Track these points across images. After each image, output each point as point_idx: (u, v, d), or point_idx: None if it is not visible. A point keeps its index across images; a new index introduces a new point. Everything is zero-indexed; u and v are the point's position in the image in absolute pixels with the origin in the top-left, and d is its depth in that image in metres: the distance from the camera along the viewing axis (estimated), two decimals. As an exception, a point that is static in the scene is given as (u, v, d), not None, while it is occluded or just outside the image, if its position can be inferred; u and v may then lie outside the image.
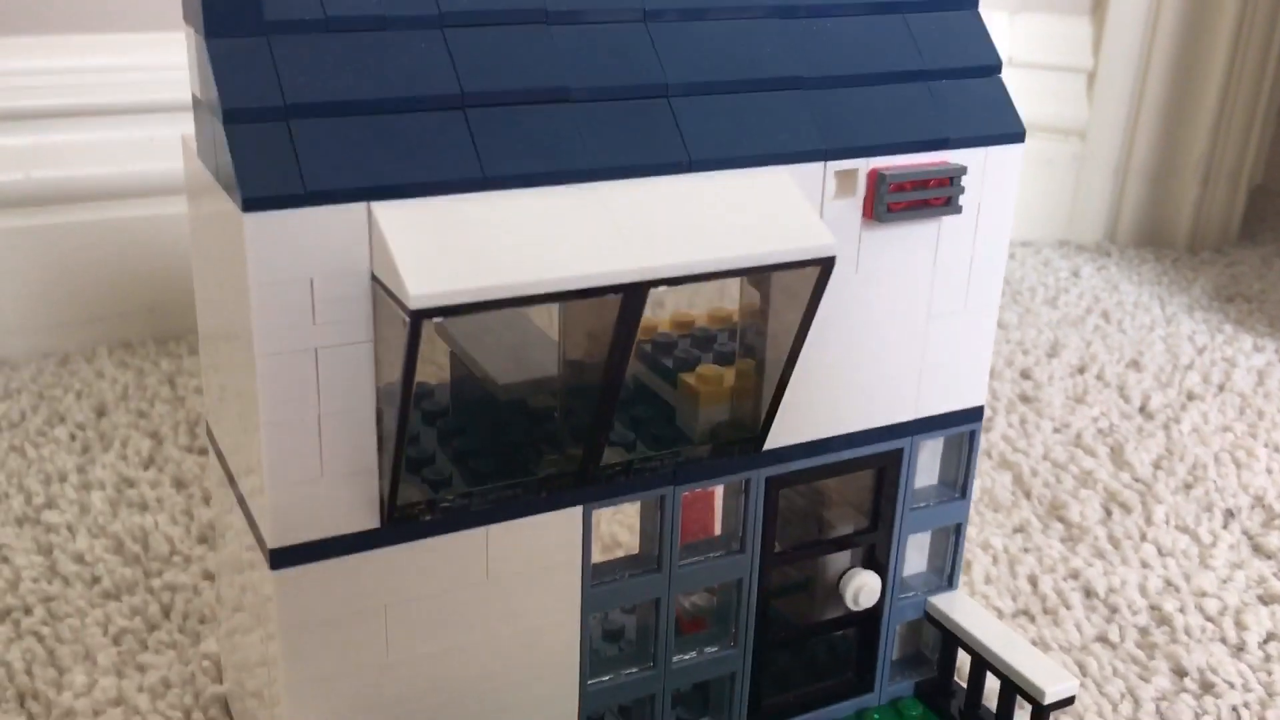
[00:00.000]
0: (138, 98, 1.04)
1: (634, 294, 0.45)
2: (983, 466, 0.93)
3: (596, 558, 0.58)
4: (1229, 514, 0.88)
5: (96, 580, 0.73)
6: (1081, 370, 1.11)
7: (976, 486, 0.89)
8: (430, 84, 0.46)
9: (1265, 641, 0.74)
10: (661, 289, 0.47)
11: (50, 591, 0.72)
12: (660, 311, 0.63)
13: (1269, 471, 0.93)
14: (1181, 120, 1.41)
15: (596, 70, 0.49)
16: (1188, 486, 0.91)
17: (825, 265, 0.49)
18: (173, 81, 0.97)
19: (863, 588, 0.61)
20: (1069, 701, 0.59)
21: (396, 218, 0.44)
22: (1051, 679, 0.59)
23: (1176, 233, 1.44)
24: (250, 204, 0.42)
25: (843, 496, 0.64)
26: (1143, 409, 1.03)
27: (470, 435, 0.54)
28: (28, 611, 0.70)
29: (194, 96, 0.49)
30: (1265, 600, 0.78)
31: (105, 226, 1.06)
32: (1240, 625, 0.75)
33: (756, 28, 0.52)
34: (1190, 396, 1.06)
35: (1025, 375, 1.09)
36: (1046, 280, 1.33)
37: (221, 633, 0.65)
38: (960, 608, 0.63)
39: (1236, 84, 1.39)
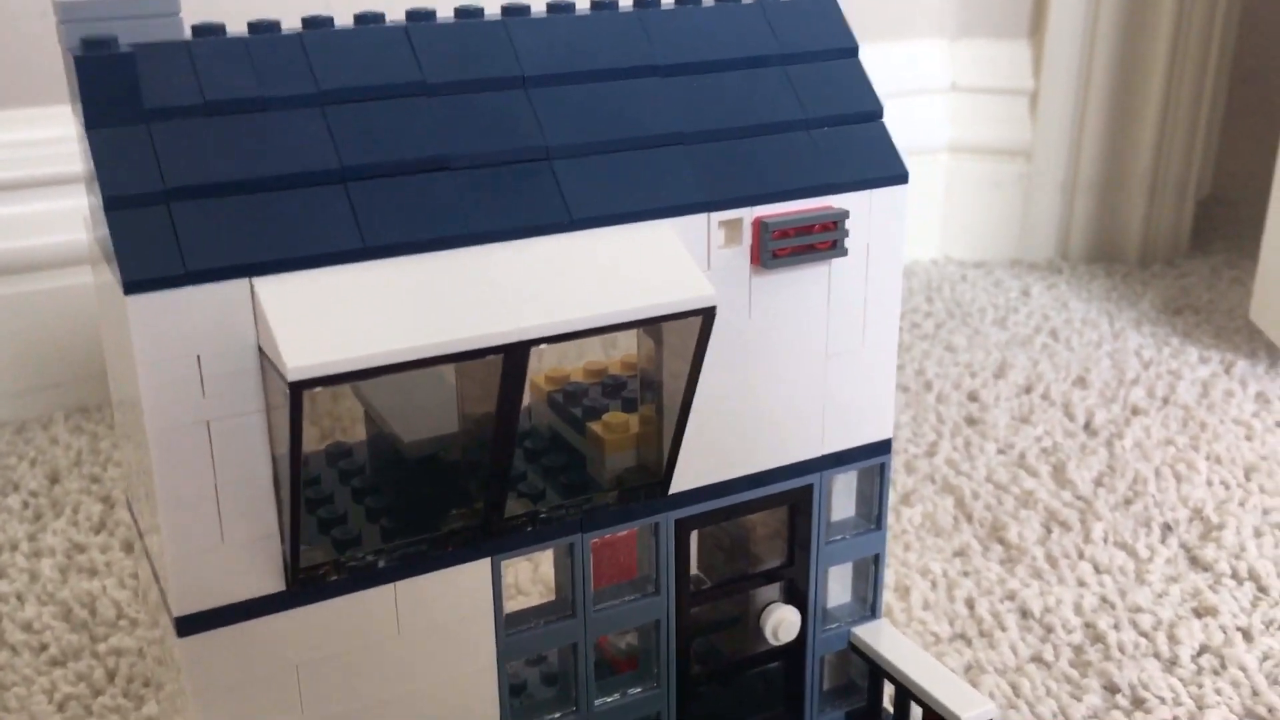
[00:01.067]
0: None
1: (515, 354, 0.47)
2: (925, 491, 0.94)
3: (538, 601, 0.60)
4: (1167, 528, 0.89)
5: (44, 648, 0.75)
6: (1028, 390, 1.12)
7: (918, 512, 0.91)
8: (310, 160, 0.47)
9: (1198, 654, 0.75)
10: (554, 344, 0.48)
11: (-3, 662, 0.73)
12: (571, 361, 0.65)
13: (1209, 484, 0.95)
14: (1125, 135, 1.43)
15: (476, 137, 0.50)
16: (1127, 502, 0.92)
17: (706, 315, 0.50)
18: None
19: (781, 622, 0.62)
20: (987, 726, 0.60)
21: (277, 292, 0.45)
22: (968, 705, 0.60)
23: (1127, 247, 1.46)
24: (131, 286, 0.44)
25: (770, 531, 0.65)
26: (1087, 426, 1.05)
27: (381, 493, 0.55)
28: (-26, 683, 0.72)
29: (85, 180, 0.50)
30: (1199, 613, 0.79)
31: (59, 294, 1.07)
32: (1173, 639, 0.76)
33: (636, 87, 0.54)
34: (1135, 411, 1.07)
35: (972, 397, 1.11)
36: (997, 301, 1.34)
37: (162, 695, 0.66)
38: (882, 637, 0.65)
39: (1176, 97, 1.41)
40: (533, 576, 0.82)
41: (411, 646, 0.53)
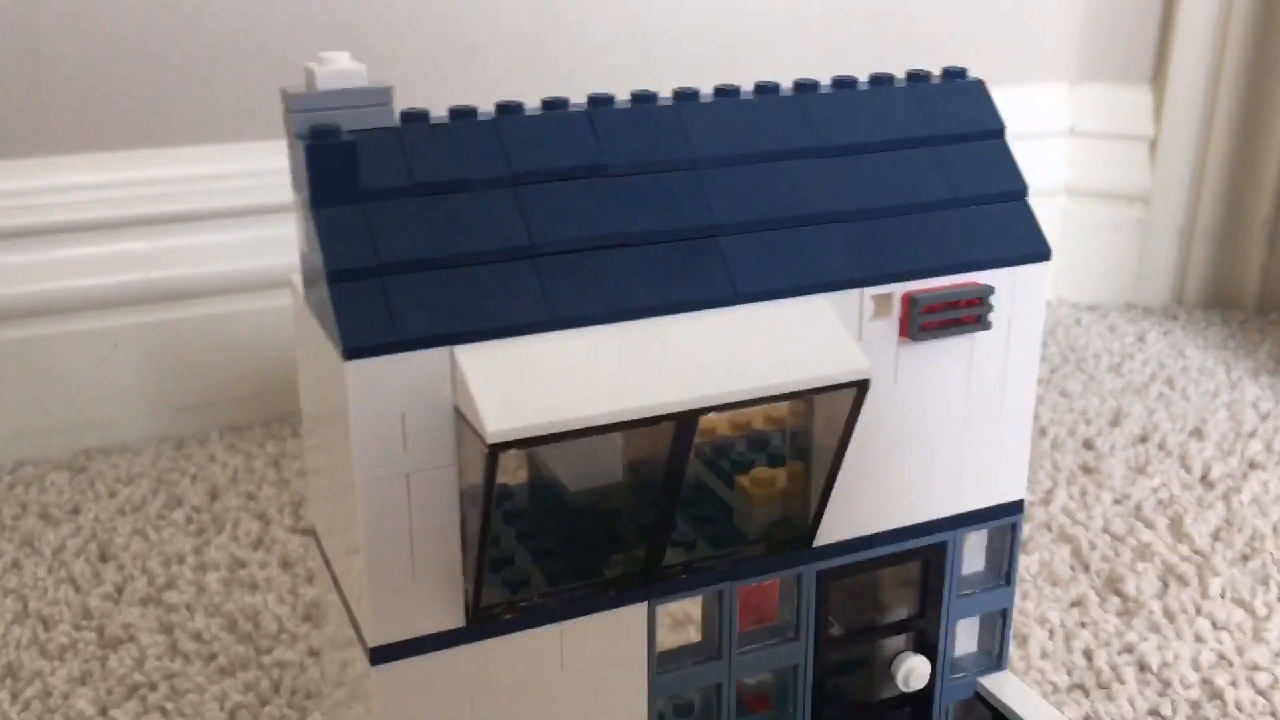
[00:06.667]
0: (243, 201, 1.13)
1: (685, 420, 0.51)
2: (1042, 540, 0.96)
3: (667, 633, 0.64)
4: (1285, 586, 0.90)
5: (213, 657, 0.81)
6: (1144, 439, 1.13)
7: (1035, 560, 0.93)
8: (504, 237, 0.52)
9: (1316, 716, 0.77)
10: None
11: (172, 669, 0.79)
12: (720, 416, 0.68)
13: (1328, 542, 0.95)
14: (1245, 183, 1.43)
15: (651, 216, 0.55)
16: (1245, 558, 0.93)
17: (861, 386, 0.54)
18: (274, 186, 1.06)
19: (913, 671, 0.65)
20: (1109, 779, 0.63)
21: (475, 359, 0.50)
22: (1091, 758, 0.62)
23: (1244, 295, 1.46)
24: (351, 353, 0.49)
25: (898, 580, 0.68)
26: (1204, 478, 1.06)
27: (545, 536, 0.60)
28: (153, 688, 0.78)
29: (301, 250, 0.56)
30: (1318, 674, 0.80)
31: (216, 320, 1.15)
32: (1291, 699, 0.78)
33: (797, 167, 0.58)
34: (1252, 465, 1.08)
35: (1087, 445, 1.12)
36: (1112, 346, 1.35)
37: (326, 706, 0.71)
38: (1008, 689, 0.67)
39: (1301, 147, 1.41)
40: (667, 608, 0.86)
41: (573, 682, 0.57)
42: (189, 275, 1.14)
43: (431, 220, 0.52)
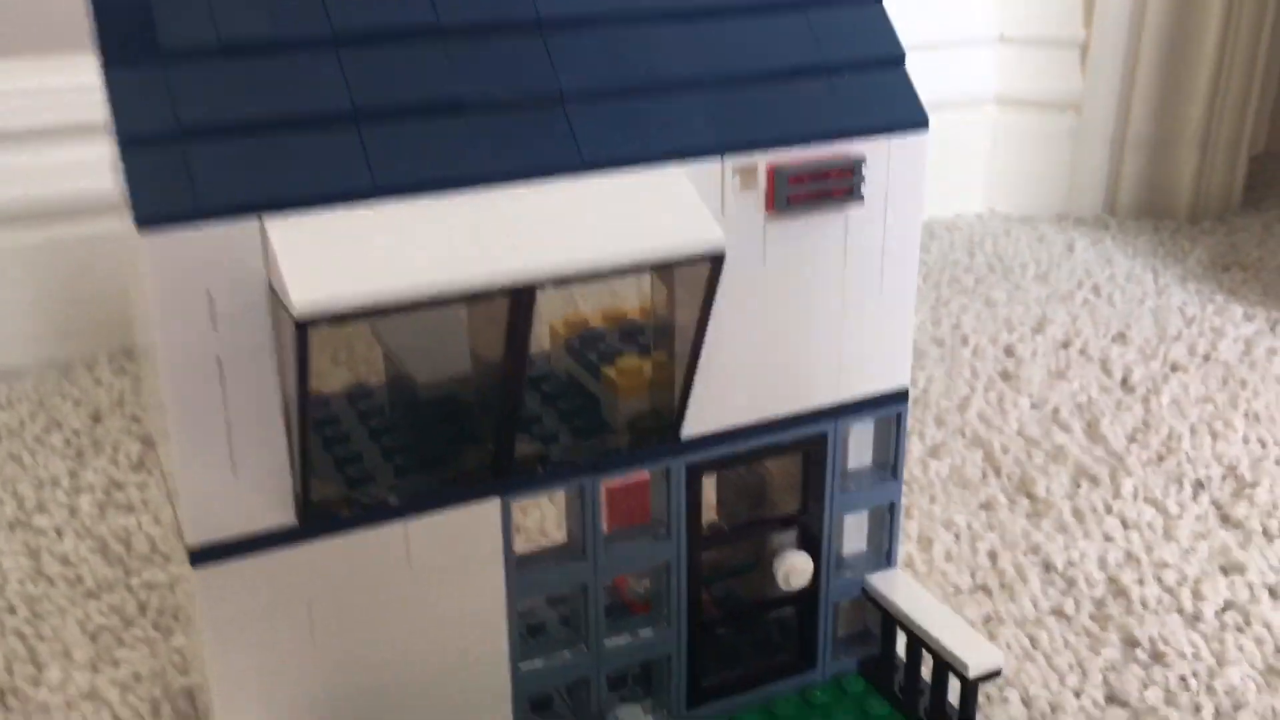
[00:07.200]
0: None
1: (520, 295, 0.47)
2: (954, 445, 0.93)
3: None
4: (1199, 485, 0.88)
5: (79, 580, 0.77)
6: (1066, 345, 1.11)
7: (946, 465, 0.91)
8: (323, 100, 0.48)
9: (1222, 611, 0.75)
10: (561, 286, 0.49)
11: (34, 593, 0.76)
12: (592, 306, 0.65)
13: (1245, 441, 0.93)
14: (1177, 89, 1.40)
15: (490, 80, 0.51)
16: (1160, 458, 0.91)
17: (715, 260, 0.50)
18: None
19: (793, 569, 0.63)
20: (995, 674, 0.60)
21: (287, 230, 0.46)
22: (976, 653, 0.60)
23: (1177, 203, 1.43)
24: (144, 221, 0.44)
25: (792, 479, 0.65)
26: (1124, 382, 1.04)
27: (396, 432, 0.56)
28: (12, 611, 0.74)
29: (106, 123, 0.51)
30: (1226, 570, 0.78)
31: (105, 239, 1.09)
32: (1198, 595, 0.76)
33: (654, 31, 0.54)
34: (1174, 368, 1.06)
35: (1009, 352, 1.10)
36: (1040, 256, 1.32)
37: (191, 629, 0.68)
38: (895, 585, 0.65)
39: (1231, 50, 1.38)
40: (563, 519, 0.83)
41: (422, 582, 0.54)
42: (74, 191, 1.08)
43: (241, 82, 0.47)
